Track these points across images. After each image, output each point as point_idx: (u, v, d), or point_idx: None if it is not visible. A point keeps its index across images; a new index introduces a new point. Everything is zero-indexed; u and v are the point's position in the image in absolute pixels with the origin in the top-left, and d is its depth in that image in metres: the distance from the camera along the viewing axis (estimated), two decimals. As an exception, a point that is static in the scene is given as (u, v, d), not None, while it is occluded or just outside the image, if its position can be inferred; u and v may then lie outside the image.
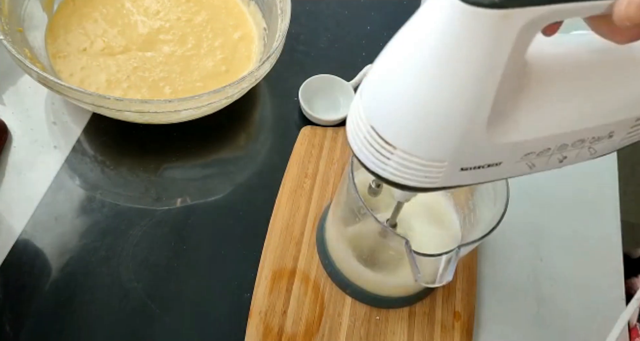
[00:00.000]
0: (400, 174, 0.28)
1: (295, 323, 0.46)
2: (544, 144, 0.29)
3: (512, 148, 0.28)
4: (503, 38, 0.23)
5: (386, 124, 0.27)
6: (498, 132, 0.27)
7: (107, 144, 0.56)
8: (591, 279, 0.55)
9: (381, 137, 0.27)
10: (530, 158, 0.30)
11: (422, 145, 0.27)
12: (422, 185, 0.29)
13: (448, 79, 0.25)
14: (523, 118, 0.28)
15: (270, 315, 0.46)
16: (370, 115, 0.28)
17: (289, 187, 0.54)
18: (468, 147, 0.27)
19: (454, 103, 0.25)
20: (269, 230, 0.51)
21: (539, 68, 0.28)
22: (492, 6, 0.22)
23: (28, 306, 0.46)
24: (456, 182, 0.29)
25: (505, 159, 0.29)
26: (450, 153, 0.27)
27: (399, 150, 0.27)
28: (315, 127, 0.58)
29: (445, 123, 0.26)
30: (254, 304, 0.47)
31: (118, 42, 0.58)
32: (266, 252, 0.50)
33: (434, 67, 0.25)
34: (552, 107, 0.28)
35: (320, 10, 0.70)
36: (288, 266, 0.49)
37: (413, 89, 0.25)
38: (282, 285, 0.48)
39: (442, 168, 0.28)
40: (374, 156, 0.28)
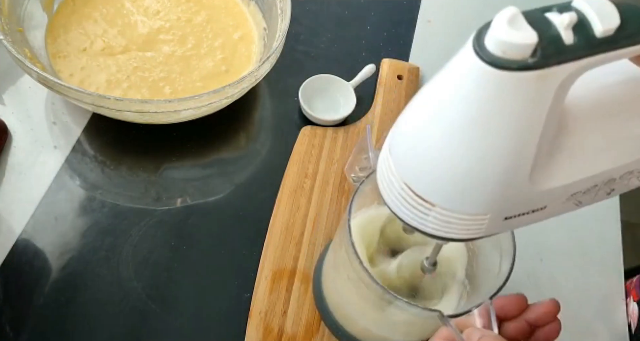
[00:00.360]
0: (441, 228, 0.27)
1: (295, 324, 0.46)
2: (590, 183, 0.28)
3: (557, 192, 0.27)
4: (540, 97, 0.22)
5: (421, 182, 0.26)
6: (541, 180, 0.26)
7: (107, 144, 0.56)
8: (591, 279, 0.55)
9: (417, 194, 0.26)
10: (577, 197, 0.28)
11: (462, 202, 0.26)
12: (465, 236, 0.28)
13: (484, 140, 0.23)
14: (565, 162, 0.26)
15: (270, 316, 0.46)
16: (403, 172, 0.27)
17: (289, 187, 0.54)
18: (511, 199, 0.26)
19: (492, 163, 0.24)
20: (269, 230, 0.51)
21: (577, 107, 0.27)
22: (525, 69, 0.21)
23: (28, 306, 0.46)
24: (500, 230, 0.28)
25: (550, 203, 0.28)
26: (492, 207, 0.26)
27: (437, 207, 0.26)
28: (315, 127, 0.58)
29: (485, 180, 0.25)
30: (254, 304, 0.47)
31: (118, 42, 0.58)
32: (266, 252, 0.50)
33: (468, 128, 0.23)
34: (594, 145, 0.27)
35: (320, 10, 0.70)
36: (288, 267, 0.49)
37: (447, 151, 0.24)
38: (282, 285, 0.48)
39: (484, 220, 0.26)
40: (412, 212, 0.27)
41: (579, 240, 0.57)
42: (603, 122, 0.27)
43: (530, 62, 0.21)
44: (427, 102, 0.25)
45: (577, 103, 0.27)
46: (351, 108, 0.59)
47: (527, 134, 0.23)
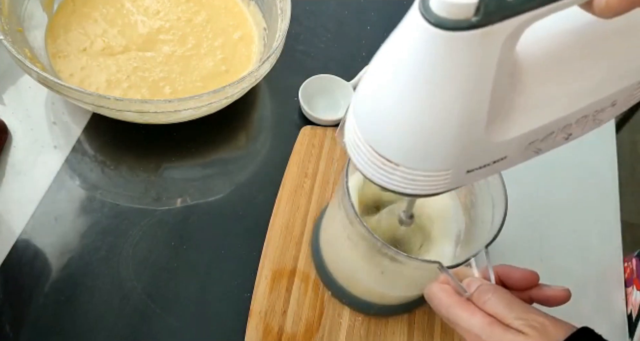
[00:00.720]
0: (406, 186, 0.28)
1: (295, 323, 0.46)
2: (546, 130, 0.29)
3: (515, 142, 0.28)
4: (487, 52, 0.23)
5: (384, 143, 0.27)
6: (498, 132, 0.27)
7: (107, 144, 0.56)
8: (591, 279, 0.55)
9: (381, 155, 0.27)
10: (535, 144, 0.29)
11: (424, 159, 0.27)
12: (431, 192, 0.29)
13: (438, 99, 0.24)
14: (521, 113, 0.27)
15: (270, 315, 0.46)
16: (366, 135, 0.27)
17: (289, 187, 0.54)
18: (470, 152, 0.27)
19: (448, 119, 0.25)
20: (269, 230, 0.51)
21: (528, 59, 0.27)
22: (469, 28, 0.22)
23: (28, 306, 0.46)
24: (464, 183, 0.29)
25: (509, 153, 0.29)
26: (453, 162, 0.27)
27: (401, 167, 0.27)
28: (316, 127, 0.58)
29: (443, 137, 0.26)
30: (254, 304, 0.47)
31: (118, 42, 0.58)
32: (266, 251, 0.50)
33: (421, 88, 0.24)
34: (548, 94, 0.28)
35: (320, 10, 0.70)
36: (288, 266, 0.49)
37: (404, 111, 0.25)
38: (282, 285, 0.48)
39: (447, 175, 0.27)
40: (378, 172, 0.28)
41: (579, 240, 0.57)
42: (555, 70, 0.28)
43: (474, 20, 0.22)
44: (382, 65, 0.26)
45: (528, 54, 0.27)
46: None
47: (479, 91, 0.24)
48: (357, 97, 0.28)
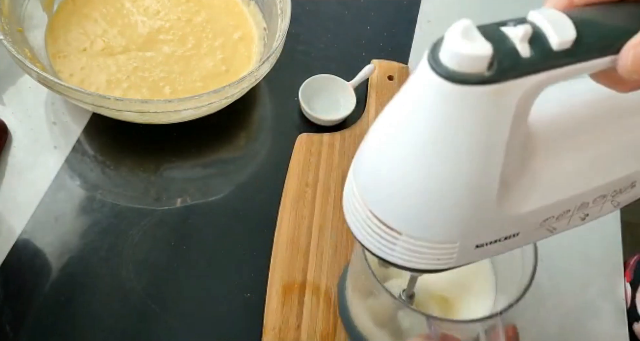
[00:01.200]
0: (409, 258, 0.26)
1: (310, 337, 0.45)
2: (562, 207, 0.27)
3: (529, 217, 0.26)
4: (500, 113, 0.22)
5: (386, 209, 0.25)
6: (510, 205, 0.25)
7: (107, 144, 0.56)
8: (591, 279, 0.55)
9: (382, 222, 0.25)
10: (550, 222, 0.27)
11: (428, 228, 0.24)
12: (435, 267, 0.26)
13: (448, 160, 0.22)
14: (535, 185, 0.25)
15: (285, 331, 0.45)
16: (367, 198, 0.25)
17: (291, 198, 0.53)
18: (479, 225, 0.25)
19: (457, 183, 0.23)
20: (275, 244, 0.50)
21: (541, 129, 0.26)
22: (482, 83, 0.20)
23: (28, 306, 0.46)
24: (472, 259, 0.27)
25: (522, 229, 0.27)
26: (460, 234, 0.25)
27: (404, 236, 0.25)
28: (311, 134, 0.57)
29: (450, 204, 0.24)
30: (267, 320, 0.46)
31: (118, 42, 0.58)
32: (274, 266, 0.49)
33: (429, 149, 0.22)
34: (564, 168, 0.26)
35: (320, 10, 0.70)
36: (298, 279, 0.48)
37: (410, 173, 0.23)
38: (294, 298, 0.47)
39: (454, 249, 0.25)
40: (378, 241, 0.26)
41: (579, 240, 0.57)
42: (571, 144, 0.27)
43: (487, 75, 0.20)
44: (387, 122, 0.24)
45: (544, 126, 0.26)
46: (351, 108, 0.59)
47: (490, 153, 0.22)
48: (359, 154, 0.26)
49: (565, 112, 0.27)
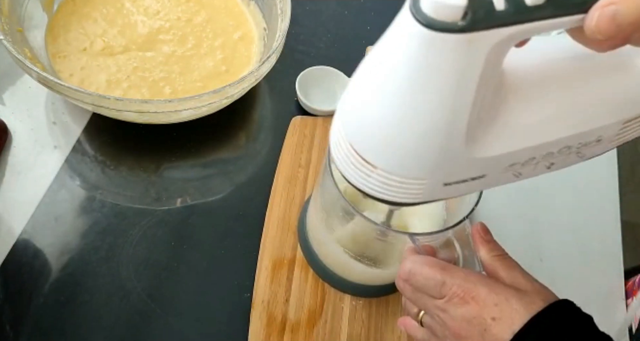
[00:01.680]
0: (382, 191, 0.28)
1: (298, 311, 0.47)
2: (528, 154, 0.28)
3: (495, 161, 0.28)
4: (471, 60, 0.23)
5: (364, 144, 0.27)
6: (477, 147, 0.27)
7: (107, 144, 0.56)
8: (591, 279, 0.55)
9: (360, 156, 0.27)
10: (516, 168, 0.29)
11: (401, 164, 0.27)
12: (405, 200, 0.29)
13: (420, 102, 0.24)
14: (502, 131, 0.27)
15: (273, 304, 0.47)
16: (349, 134, 0.28)
17: (283, 178, 0.54)
18: (447, 164, 0.27)
19: (428, 124, 0.25)
20: (266, 221, 0.51)
21: (516, 78, 0.27)
22: (457, 31, 0.22)
23: (28, 306, 0.46)
24: (440, 196, 0.29)
25: (488, 172, 0.29)
26: (429, 172, 0.27)
27: (378, 169, 0.27)
28: (306, 117, 0.58)
29: (421, 143, 0.26)
30: (256, 294, 0.47)
31: (118, 42, 0.58)
32: (264, 242, 0.50)
33: (405, 90, 0.24)
34: (532, 117, 0.28)
35: (320, 10, 0.70)
36: (287, 256, 0.50)
37: (387, 112, 0.25)
38: (283, 274, 0.49)
39: (422, 185, 0.28)
40: (356, 173, 0.28)
41: (579, 240, 0.57)
42: (540, 95, 0.28)
43: (460, 24, 0.22)
44: (369, 64, 0.26)
45: (516, 76, 0.28)
46: None
47: (461, 97, 0.24)
48: (344, 95, 0.28)
49: (542, 64, 0.28)
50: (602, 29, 0.22)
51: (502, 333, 0.30)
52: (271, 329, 0.46)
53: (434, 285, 0.33)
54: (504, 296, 0.31)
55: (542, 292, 0.32)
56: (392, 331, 0.47)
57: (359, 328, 0.47)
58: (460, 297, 0.32)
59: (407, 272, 0.35)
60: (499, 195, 0.58)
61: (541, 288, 0.33)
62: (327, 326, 0.47)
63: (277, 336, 0.45)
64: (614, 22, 0.22)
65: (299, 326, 0.46)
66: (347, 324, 0.47)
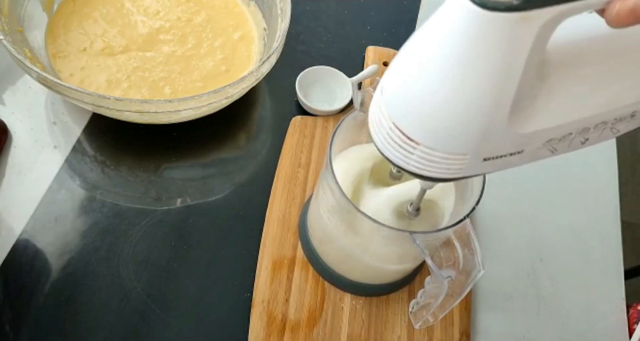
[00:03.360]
0: (423, 167, 0.29)
1: (298, 311, 0.47)
2: (565, 130, 0.29)
3: (534, 136, 0.29)
4: (522, 38, 0.24)
5: (408, 122, 0.28)
6: (519, 123, 0.27)
7: (107, 144, 0.56)
8: (591, 279, 0.55)
9: (404, 133, 0.28)
10: (552, 143, 0.30)
11: (444, 141, 0.27)
12: (445, 176, 0.29)
13: (468, 80, 0.25)
14: (543, 107, 0.28)
15: (273, 304, 0.47)
16: (392, 112, 0.28)
17: (283, 178, 0.54)
18: (490, 140, 0.27)
19: (474, 102, 0.26)
20: (266, 221, 0.51)
21: (557, 55, 0.28)
22: (510, 9, 0.23)
23: (28, 306, 0.46)
24: (479, 171, 0.30)
25: (527, 147, 0.29)
26: (472, 147, 0.28)
27: (421, 146, 0.28)
28: (306, 117, 0.58)
29: (466, 120, 0.26)
30: (256, 294, 0.47)
31: (118, 42, 0.58)
32: (264, 242, 0.50)
33: (454, 68, 0.25)
34: (571, 94, 0.29)
35: (320, 10, 0.70)
36: (287, 255, 0.50)
37: (434, 89, 0.26)
38: (283, 273, 0.49)
39: (464, 160, 0.28)
40: (398, 151, 0.29)
41: (579, 240, 0.57)
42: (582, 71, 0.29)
43: (515, 3, 0.22)
44: (418, 42, 0.27)
45: (560, 53, 0.28)
46: (347, 100, 0.59)
47: (508, 76, 0.25)
48: (388, 72, 0.29)
49: (581, 42, 0.29)
50: (622, 20, 0.23)
51: None
52: (271, 329, 0.46)
53: None
54: None
55: None
56: (392, 331, 0.47)
57: (359, 328, 0.47)
58: None
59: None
60: (499, 195, 0.58)
61: None
62: (327, 326, 0.47)
63: (277, 336, 0.45)
64: (634, 14, 0.23)
65: (299, 326, 0.46)
66: (347, 324, 0.47)
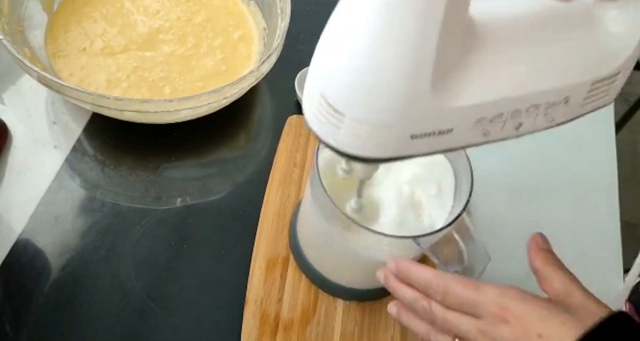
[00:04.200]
0: (351, 143, 0.28)
1: (291, 310, 0.47)
2: (495, 109, 0.29)
3: (462, 113, 0.28)
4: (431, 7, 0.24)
5: (334, 92, 0.27)
6: (445, 96, 0.27)
7: (107, 144, 0.56)
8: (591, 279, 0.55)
9: (330, 105, 0.28)
10: (483, 124, 0.29)
11: (369, 111, 0.27)
12: (374, 154, 0.29)
13: (385, 43, 0.25)
14: (470, 82, 0.28)
15: (267, 303, 0.47)
16: (320, 84, 0.28)
17: (278, 177, 0.54)
18: (414, 111, 0.27)
19: (394, 66, 0.25)
20: (261, 220, 0.51)
21: (487, 29, 0.28)
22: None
23: (28, 306, 0.46)
24: (409, 151, 0.29)
25: (456, 125, 0.29)
26: (397, 118, 0.27)
27: (347, 118, 0.27)
28: (302, 117, 0.58)
29: (388, 87, 0.26)
30: (250, 292, 0.47)
31: (118, 41, 0.58)
32: (259, 241, 0.50)
33: (370, 32, 0.25)
34: (500, 70, 0.28)
35: (320, 10, 0.70)
36: (281, 255, 0.50)
37: (354, 56, 0.26)
38: (277, 272, 0.48)
39: (390, 135, 0.28)
40: (326, 126, 0.29)
41: (579, 240, 0.57)
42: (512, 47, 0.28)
43: None
44: (339, 12, 0.27)
45: (488, 27, 0.28)
46: None
47: (425, 37, 0.25)
48: (317, 47, 0.29)
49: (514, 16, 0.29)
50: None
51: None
52: (264, 328, 0.46)
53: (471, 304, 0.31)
54: (552, 311, 0.29)
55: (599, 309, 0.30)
56: (385, 330, 0.47)
57: (352, 327, 0.47)
58: (499, 316, 0.30)
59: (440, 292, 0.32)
60: (499, 195, 0.58)
61: (598, 304, 0.31)
62: (320, 325, 0.47)
63: (270, 334, 0.45)
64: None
65: (292, 325, 0.46)
66: (341, 323, 0.47)
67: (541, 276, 0.33)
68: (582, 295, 0.31)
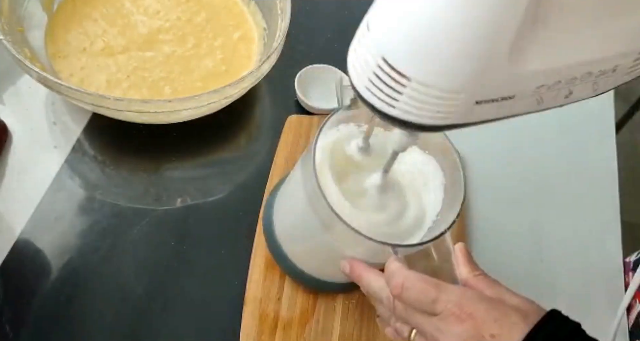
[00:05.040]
0: (411, 110, 0.27)
1: (290, 309, 0.47)
2: (557, 76, 0.28)
3: (529, 78, 0.27)
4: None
5: (400, 54, 0.25)
6: (518, 61, 0.26)
7: (107, 144, 0.56)
8: (591, 279, 0.55)
9: (394, 68, 0.26)
10: (541, 91, 0.28)
11: (440, 74, 0.25)
12: (434, 122, 0.27)
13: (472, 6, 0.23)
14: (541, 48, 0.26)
15: (266, 302, 0.47)
16: (381, 47, 0.26)
17: (277, 176, 0.54)
18: (488, 76, 0.26)
19: (475, 24, 0.23)
20: (260, 219, 0.51)
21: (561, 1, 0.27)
22: None
23: (28, 306, 0.46)
24: (468, 119, 0.28)
25: (518, 92, 0.28)
26: (469, 83, 0.25)
27: (413, 82, 0.25)
28: (301, 116, 0.58)
29: (465, 47, 0.24)
30: (249, 291, 0.47)
31: (118, 42, 0.58)
32: (258, 240, 0.50)
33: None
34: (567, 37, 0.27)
35: (320, 10, 0.70)
36: None
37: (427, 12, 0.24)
38: (276, 272, 0.48)
39: (457, 100, 0.26)
40: (384, 92, 0.27)
41: (579, 240, 0.57)
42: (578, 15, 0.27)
43: None
44: None
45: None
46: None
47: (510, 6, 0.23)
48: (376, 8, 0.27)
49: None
50: None
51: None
52: (263, 327, 0.46)
53: (429, 301, 0.32)
54: (503, 311, 0.31)
55: (531, 304, 0.32)
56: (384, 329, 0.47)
57: (351, 327, 0.47)
58: (456, 315, 0.31)
59: (399, 286, 0.33)
60: (499, 195, 0.58)
61: (527, 300, 0.33)
62: (319, 324, 0.47)
63: (269, 333, 0.46)
64: None
65: (291, 324, 0.46)
66: (340, 323, 0.47)
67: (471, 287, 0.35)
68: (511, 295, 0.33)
